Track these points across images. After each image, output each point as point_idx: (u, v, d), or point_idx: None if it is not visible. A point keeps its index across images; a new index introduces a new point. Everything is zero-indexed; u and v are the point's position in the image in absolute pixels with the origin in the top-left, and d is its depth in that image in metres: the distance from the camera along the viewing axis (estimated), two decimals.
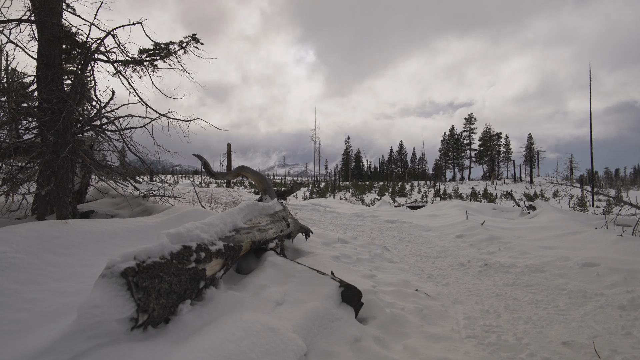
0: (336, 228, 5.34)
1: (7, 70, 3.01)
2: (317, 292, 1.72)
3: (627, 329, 1.75)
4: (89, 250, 1.84)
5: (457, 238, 4.63)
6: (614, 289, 2.31)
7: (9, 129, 2.90)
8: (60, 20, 3.04)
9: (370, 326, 1.73)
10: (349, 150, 53.98)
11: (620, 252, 3.04)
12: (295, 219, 3.15)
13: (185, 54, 3.75)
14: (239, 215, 2.05)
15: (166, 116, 3.67)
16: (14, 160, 3.14)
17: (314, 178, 34.60)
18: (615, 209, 9.14)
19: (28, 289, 1.41)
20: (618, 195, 14.29)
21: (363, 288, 1.94)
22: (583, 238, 3.73)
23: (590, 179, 16.55)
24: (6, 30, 3.06)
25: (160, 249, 1.29)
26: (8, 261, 1.52)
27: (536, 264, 2.95)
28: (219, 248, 1.60)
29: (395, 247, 4.06)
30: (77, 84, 2.96)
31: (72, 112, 2.88)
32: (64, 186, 2.82)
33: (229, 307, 1.48)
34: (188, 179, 25.79)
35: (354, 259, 3.01)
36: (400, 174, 51.44)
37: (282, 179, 35.39)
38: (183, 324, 1.27)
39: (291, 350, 1.24)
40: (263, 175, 4.50)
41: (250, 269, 2.10)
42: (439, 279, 2.81)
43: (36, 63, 2.98)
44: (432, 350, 1.55)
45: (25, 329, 1.20)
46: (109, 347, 1.04)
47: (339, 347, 1.43)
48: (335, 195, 18.21)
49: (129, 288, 1.08)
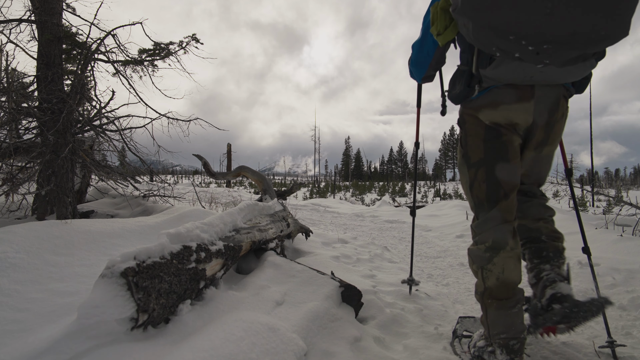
0: (336, 228, 5.34)
1: (7, 70, 3.01)
2: (317, 292, 1.72)
3: (627, 329, 1.75)
4: (89, 250, 1.84)
5: (457, 238, 4.63)
6: (614, 289, 2.31)
7: (9, 129, 2.90)
8: (60, 20, 3.04)
9: (370, 326, 1.73)
10: (349, 150, 53.94)
11: (620, 252, 3.04)
12: (295, 219, 3.15)
13: (185, 54, 3.75)
14: (239, 215, 2.06)
15: (166, 116, 3.67)
16: (14, 160, 3.14)
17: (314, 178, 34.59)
18: (615, 209, 9.14)
19: (28, 289, 1.41)
20: (618, 195, 14.29)
21: (363, 288, 1.94)
22: None
23: (590, 179, 16.55)
24: (6, 30, 3.06)
25: (160, 249, 1.29)
26: (8, 261, 1.52)
27: None
28: (219, 248, 1.61)
29: (395, 247, 4.06)
30: (77, 84, 2.96)
31: (72, 112, 2.88)
32: (64, 186, 2.82)
33: (229, 307, 1.48)
34: (188, 179, 25.79)
35: (354, 259, 3.01)
36: (400, 174, 51.39)
37: (282, 179, 35.40)
38: (183, 324, 1.27)
39: (291, 350, 1.24)
40: (263, 175, 4.50)
41: (250, 269, 2.10)
42: (439, 279, 2.81)
43: (36, 63, 2.98)
44: (433, 351, 1.54)
45: (25, 329, 1.20)
46: (109, 347, 1.04)
47: (339, 347, 1.43)
48: (335, 195, 18.21)
49: (129, 288, 1.09)
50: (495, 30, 1.08)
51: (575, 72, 1.20)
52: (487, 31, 1.10)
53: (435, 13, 1.30)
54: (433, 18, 1.32)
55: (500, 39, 1.09)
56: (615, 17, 1.01)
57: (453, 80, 1.40)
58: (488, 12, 1.06)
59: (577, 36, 1.02)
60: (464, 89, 1.34)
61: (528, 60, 1.11)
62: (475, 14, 1.09)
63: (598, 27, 1.01)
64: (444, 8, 1.28)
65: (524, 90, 1.26)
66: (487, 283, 1.31)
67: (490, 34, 1.10)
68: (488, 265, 1.30)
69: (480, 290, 1.35)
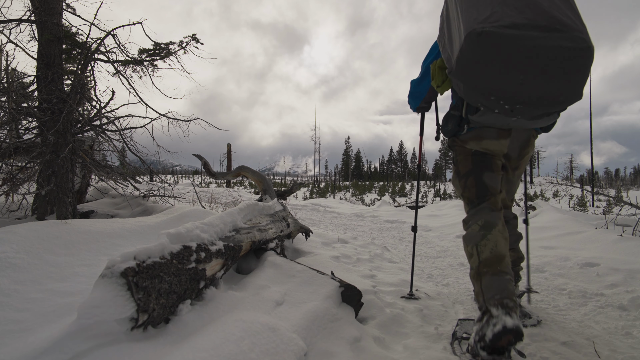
0: (336, 228, 5.34)
1: (7, 70, 3.01)
2: (317, 292, 1.72)
3: (627, 329, 1.75)
4: (89, 250, 1.84)
5: (457, 238, 4.63)
6: (614, 289, 2.31)
7: (9, 129, 2.90)
8: (60, 20, 3.04)
9: (370, 326, 1.73)
10: (349, 150, 53.96)
11: (621, 252, 3.04)
12: (295, 219, 3.15)
13: (185, 54, 3.75)
14: (239, 215, 2.05)
15: (166, 116, 3.67)
16: (14, 160, 3.15)
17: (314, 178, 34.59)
18: (615, 209, 9.14)
19: (28, 289, 1.40)
20: (618, 195, 14.28)
21: (363, 288, 1.94)
22: (583, 238, 3.73)
23: (590, 179, 16.55)
24: (6, 30, 3.06)
25: (160, 249, 1.29)
26: (8, 261, 1.52)
27: (536, 264, 2.95)
28: (219, 248, 1.61)
29: (396, 247, 4.06)
30: (77, 84, 2.96)
31: (72, 112, 2.88)
32: (64, 186, 2.82)
33: (229, 307, 1.48)
34: (188, 179, 25.79)
35: (354, 259, 3.01)
36: (400, 174, 51.41)
37: (282, 179, 35.38)
38: (183, 324, 1.27)
39: (291, 350, 1.24)
40: (263, 175, 4.50)
41: (250, 269, 2.10)
42: (439, 279, 2.81)
43: (36, 63, 2.98)
44: (433, 351, 1.54)
45: (25, 329, 1.20)
46: (109, 347, 1.04)
47: (339, 347, 1.43)
48: (335, 195, 18.21)
49: (129, 288, 1.08)
50: (481, 91, 1.39)
51: (541, 122, 1.54)
52: (474, 91, 1.41)
53: (435, 70, 1.66)
54: (433, 73, 1.67)
55: (484, 98, 1.40)
56: (570, 87, 1.34)
57: (445, 120, 1.73)
58: (475, 78, 1.38)
59: (541, 100, 1.35)
60: (454, 127, 1.69)
61: (504, 115, 1.43)
62: (466, 79, 1.40)
63: (557, 94, 1.35)
64: (441, 67, 1.64)
65: (503, 131, 1.63)
66: (482, 256, 1.49)
67: (477, 94, 1.41)
68: (482, 242, 1.51)
69: (475, 266, 1.50)
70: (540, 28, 1.30)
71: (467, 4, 1.42)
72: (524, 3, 1.35)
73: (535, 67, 1.30)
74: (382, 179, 40.26)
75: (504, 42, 1.29)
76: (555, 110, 1.45)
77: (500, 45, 1.30)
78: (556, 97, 1.36)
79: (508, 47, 1.30)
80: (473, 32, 1.32)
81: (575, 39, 1.30)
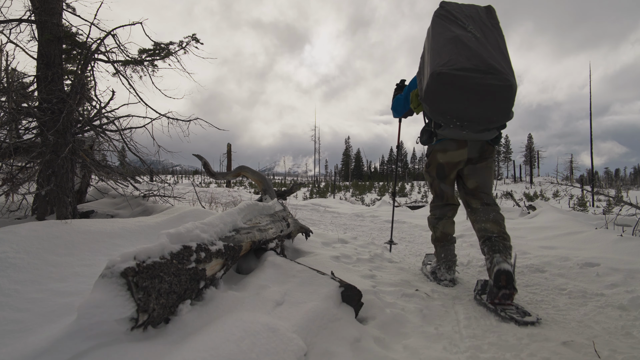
0: (336, 228, 5.34)
1: (7, 70, 3.01)
2: (317, 292, 1.72)
3: (627, 329, 1.75)
4: (89, 250, 1.84)
5: (457, 238, 4.63)
6: (614, 289, 2.31)
7: (9, 129, 2.90)
8: (60, 20, 3.04)
9: (370, 326, 1.72)
10: (349, 150, 53.97)
11: (620, 252, 3.04)
12: (295, 219, 3.15)
13: (185, 54, 3.75)
14: (239, 215, 2.05)
15: (166, 116, 3.67)
16: (14, 160, 3.14)
17: (314, 178, 34.58)
18: (615, 209, 9.14)
19: (28, 289, 1.40)
20: (618, 195, 14.28)
21: (363, 288, 1.94)
22: (583, 238, 3.73)
23: (590, 179, 16.54)
24: (6, 30, 3.06)
25: (160, 249, 1.28)
26: (8, 261, 1.52)
27: (536, 264, 2.95)
28: (219, 248, 1.60)
29: (396, 247, 4.06)
30: (77, 84, 2.96)
31: (72, 112, 2.88)
32: (64, 186, 2.82)
33: (229, 307, 1.48)
34: (188, 179, 25.78)
35: (354, 259, 3.01)
36: (400, 174, 51.41)
37: (282, 179, 35.36)
38: (183, 324, 1.27)
39: (291, 351, 1.24)
40: (263, 175, 4.49)
41: (250, 269, 2.10)
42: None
43: (36, 63, 2.98)
44: (433, 351, 1.54)
45: (25, 329, 1.20)
46: (109, 347, 1.04)
47: (339, 347, 1.43)
48: (335, 195, 18.21)
49: (129, 288, 1.08)
50: (440, 113, 2.04)
51: (486, 135, 2.16)
52: (436, 113, 2.06)
53: (413, 97, 2.47)
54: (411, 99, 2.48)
55: (443, 118, 2.05)
56: (500, 112, 1.96)
57: (422, 132, 2.36)
58: (436, 103, 2.02)
59: (481, 119, 1.99)
60: (428, 138, 2.32)
61: (458, 129, 2.07)
62: (431, 104, 2.05)
63: (491, 115, 1.97)
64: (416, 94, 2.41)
65: (461, 142, 2.23)
66: (436, 234, 2.60)
67: (438, 114, 2.06)
68: (437, 225, 2.58)
69: (433, 238, 2.65)
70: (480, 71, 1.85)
71: (433, 52, 2.00)
72: (471, 53, 1.91)
73: (476, 97, 1.89)
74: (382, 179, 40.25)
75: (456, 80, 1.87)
76: (491, 127, 2.06)
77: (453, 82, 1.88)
78: (490, 117, 1.97)
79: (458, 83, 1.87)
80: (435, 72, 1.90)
81: (502, 79, 1.86)
